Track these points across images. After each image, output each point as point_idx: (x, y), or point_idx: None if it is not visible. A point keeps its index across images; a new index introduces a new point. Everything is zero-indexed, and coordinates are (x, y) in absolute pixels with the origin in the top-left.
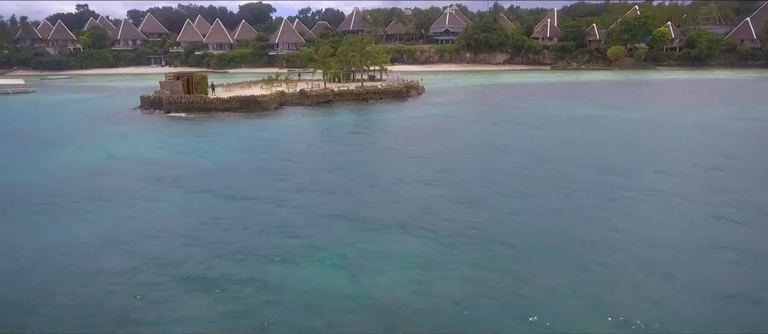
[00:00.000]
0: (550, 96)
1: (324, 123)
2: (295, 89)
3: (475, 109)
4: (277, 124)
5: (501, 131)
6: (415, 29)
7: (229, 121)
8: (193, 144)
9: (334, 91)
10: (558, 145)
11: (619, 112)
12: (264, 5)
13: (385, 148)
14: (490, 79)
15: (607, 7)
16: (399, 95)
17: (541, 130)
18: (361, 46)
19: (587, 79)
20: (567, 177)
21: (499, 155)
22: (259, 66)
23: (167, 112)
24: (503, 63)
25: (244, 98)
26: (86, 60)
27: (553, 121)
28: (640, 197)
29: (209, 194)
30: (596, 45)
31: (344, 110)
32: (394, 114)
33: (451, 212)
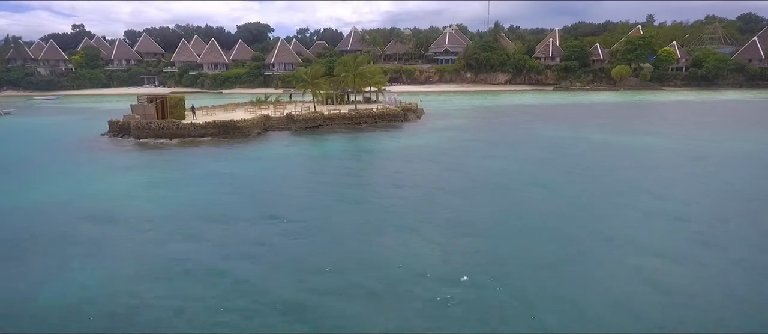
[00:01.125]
0: (559, 119)
1: (309, 154)
2: (282, 112)
3: (480, 137)
4: (255, 155)
5: (516, 166)
6: (414, 49)
7: (202, 149)
8: (146, 181)
9: (323, 115)
10: (589, 185)
11: (642, 138)
12: (262, 25)
13: (380, 190)
14: (492, 100)
15: (608, 26)
16: (396, 119)
17: (561, 164)
18: (354, 66)
19: (593, 100)
20: (620, 235)
21: (523, 202)
22: (255, 86)
23: (137, 139)
24: (505, 83)
25: (223, 123)
26: (78, 80)
27: (571, 152)
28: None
29: (135, 262)
30: (600, 65)
31: (334, 137)
32: (390, 142)
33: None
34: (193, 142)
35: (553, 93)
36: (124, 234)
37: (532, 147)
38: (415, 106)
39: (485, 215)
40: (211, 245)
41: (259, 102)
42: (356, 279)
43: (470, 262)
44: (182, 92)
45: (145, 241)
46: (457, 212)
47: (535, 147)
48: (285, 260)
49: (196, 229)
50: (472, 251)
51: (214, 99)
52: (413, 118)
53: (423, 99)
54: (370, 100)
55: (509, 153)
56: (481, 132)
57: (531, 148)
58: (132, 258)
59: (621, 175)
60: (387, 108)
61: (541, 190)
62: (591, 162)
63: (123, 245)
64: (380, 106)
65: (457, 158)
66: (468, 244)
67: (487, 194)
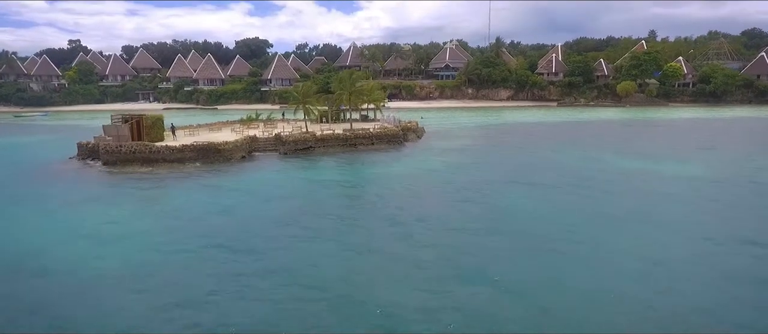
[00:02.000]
0: (570, 140)
1: (296, 183)
2: (271, 133)
3: (489, 161)
4: (233, 185)
5: (540, 202)
6: (414, 64)
7: (174, 178)
8: (92, 224)
9: (315, 136)
10: (624, 225)
11: (669, 165)
12: (260, 41)
13: (376, 233)
14: (495, 118)
15: (611, 42)
16: (394, 140)
17: (584, 196)
18: (349, 83)
19: (601, 118)
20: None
21: (564, 255)
22: (251, 102)
23: (105, 164)
24: (507, 99)
25: (202, 146)
26: (70, 96)
27: (590, 181)
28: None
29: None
30: (604, 81)
31: (326, 161)
32: (388, 167)
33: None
34: (167, 168)
35: (558, 109)
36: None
37: (550, 175)
38: (416, 125)
39: (518, 270)
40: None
41: (250, 120)
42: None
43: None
44: (177, 108)
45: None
46: (479, 261)
47: (553, 175)
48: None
49: (131, 302)
50: (507, 319)
51: (209, 115)
52: (414, 139)
53: (424, 116)
54: (367, 119)
55: (526, 183)
56: (488, 155)
57: (549, 177)
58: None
59: (670, 214)
60: (385, 127)
61: (579, 238)
62: (624, 195)
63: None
64: (378, 125)
65: (467, 189)
66: (497, 310)
67: (514, 239)
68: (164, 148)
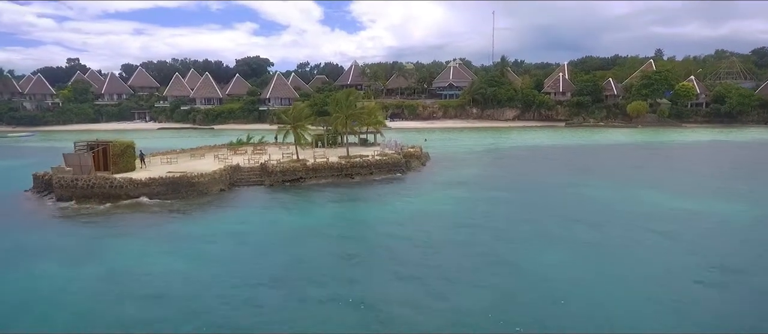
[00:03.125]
0: (590, 167)
1: (277, 229)
2: (258, 160)
3: (505, 198)
4: (200, 231)
5: (572, 262)
6: (417, 83)
7: (132, 220)
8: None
9: (306, 166)
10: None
11: (717, 204)
12: (261, 59)
13: (374, 310)
14: (503, 140)
15: (618, 60)
16: (396, 168)
17: (632, 253)
18: (346, 105)
19: (616, 140)
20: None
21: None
22: (249, 122)
23: (59, 200)
24: (513, 119)
25: (172, 180)
26: (64, 115)
27: (634, 227)
28: None
29: None
30: (614, 100)
31: (318, 196)
32: (389, 205)
33: None
34: (128, 206)
35: (567, 130)
36: None
37: (581, 218)
38: (419, 150)
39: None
40: None
41: (239, 144)
42: None
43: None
44: (172, 128)
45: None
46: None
47: (586, 219)
48: None
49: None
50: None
51: (204, 135)
52: (417, 166)
53: (428, 139)
54: (367, 143)
55: (554, 233)
56: (503, 189)
57: (581, 223)
58: None
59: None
60: (386, 154)
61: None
62: (681, 244)
63: None
64: (378, 150)
65: (483, 241)
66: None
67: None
68: (128, 182)
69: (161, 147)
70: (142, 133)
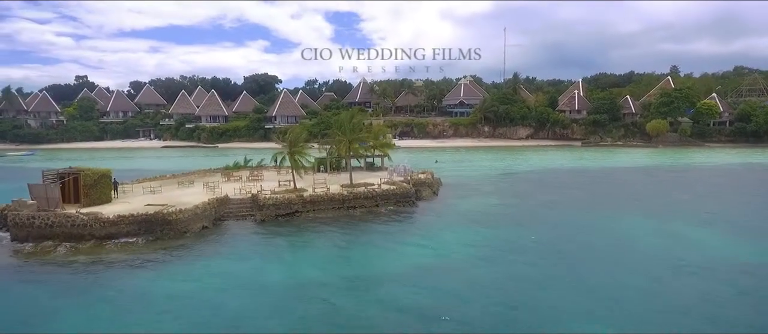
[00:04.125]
0: (621, 196)
1: (264, 284)
2: (251, 189)
3: (531, 242)
4: (168, 290)
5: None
6: (426, 101)
7: (88, 272)
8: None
9: (302, 198)
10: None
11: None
12: (269, 76)
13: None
14: (519, 161)
15: (633, 77)
16: (405, 200)
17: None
18: (349, 127)
19: (638, 162)
20: None
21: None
22: (254, 140)
23: (14, 240)
24: (526, 138)
25: (145, 217)
26: (68, 133)
27: (708, 292)
28: None
29: None
30: (632, 118)
31: (314, 235)
32: (396, 252)
33: None
34: (91, 249)
35: (583, 150)
36: None
37: (630, 271)
38: (430, 176)
39: None
40: None
41: (237, 167)
42: None
43: None
44: (177, 146)
45: None
46: None
47: (634, 271)
48: None
49: None
50: None
51: (208, 154)
52: (428, 195)
53: (439, 160)
54: (373, 167)
55: (606, 293)
56: (528, 226)
57: (631, 282)
58: None
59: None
60: (394, 183)
61: None
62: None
63: None
64: (385, 177)
65: (510, 313)
66: None
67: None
68: (93, 220)
69: (158, 169)
70: (146, 151)
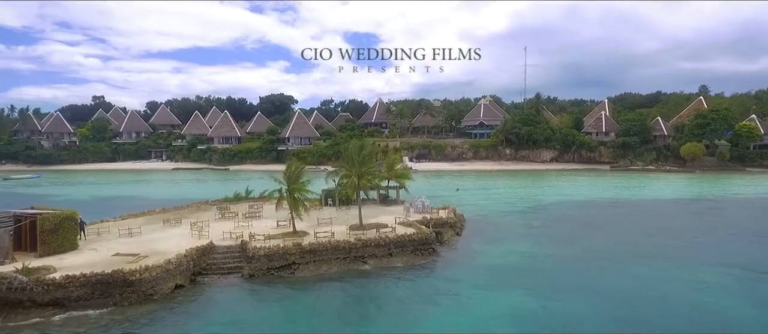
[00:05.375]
0: (674, 232)
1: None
2: (247, 228)
3: (583, 313)
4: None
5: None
6: (444, 122)
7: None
8: None
9: (301, 247)
10: None
11: None
12: (285, 97)
13: None
14: (545, 189)
15: (660, 97)
16: (423, 247)
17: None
18: (358, 160)
19: (681, 191)
20: None
21: None
22: (266, 162)
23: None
24: (550, 161)
25: (100, 278)
26: (80, 154)
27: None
28: None
29: None
30: (664, 141)
31: (311, 301)
32: (416, 325)
33: None
34: (33, 327)
35: (614, 175)
36: None
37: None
38: (453, 212)
39: None
40: None
41: (237, 199)
42: None
43: None
44: (187, 168)
45: None
46: None
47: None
48: None
49: None
50: None
51: (218, 178)
52: (451, 238)
53: (459, 188)
54: (387, 199)
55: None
56: (575, 289)
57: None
58: None
59: None
60: (410, 224)
61: None
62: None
63: None
64: (401, 215)
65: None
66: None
67: None
68: (34, 282)
69: (159, 196)
70: (155, 174)
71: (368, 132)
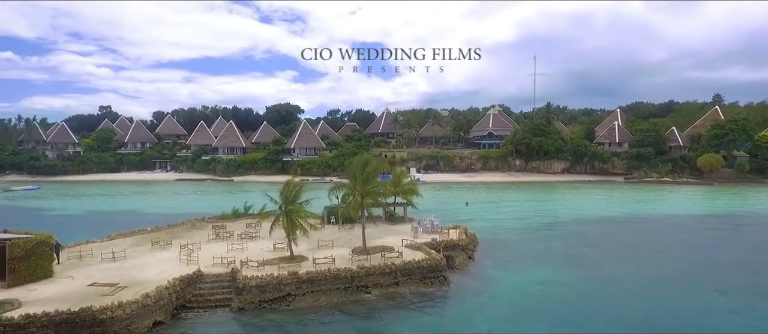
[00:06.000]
0: (726, 261)
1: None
2: (239, 254)
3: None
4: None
5: None
6: (452, 132)
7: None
8: None
9: (297, 277)
10: None
11: None
12: (291, 106)
13: None
14: (559, 203)
15: (673, 107)
16: (433, 274)
17: None
18: (362, 178)
19: (705, 207)
20: None
21: None
22: (271, 173)
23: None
24: (562, 172)
25: (65, 317)
26: (83, 164)
27: None
28: None
29: None
30: (679, 152)
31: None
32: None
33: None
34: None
35: (629, 188)
36: None
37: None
38: (464, 232)
39: None
40: None
41: (235, 215)
42: None
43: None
44: (192, 179)
45: None
46: None
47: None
48: None
49: None
50: None
51: (222, 189)
52: (463, 263)
53: (469, 202)
54: (394, 217)
55: None
56: (618, 323)
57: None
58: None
59: None
60: (418, 247)
61: None
62: None
63: None
64: (408, 237)
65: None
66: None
67: None
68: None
69: (158, 211)
70: (158, 185)
71: (375, 142)
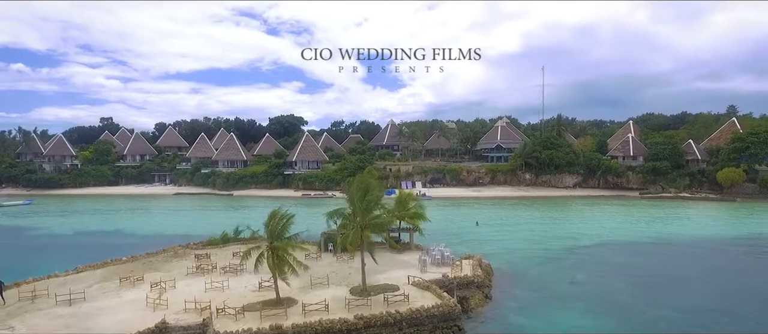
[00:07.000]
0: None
1: None
2: (219, 294)
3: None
4: None
5: None
6: (459, 144)
7: None
8: None
9: (280, 331)
10: None
11: None
12: (295, 118)
13: None
14: (576, 223)
15: (687, 118)
16: (445, 326)
17: None
18: (361, 207)
19: (734, 228)
20: None
21: None
22: (272, 187)
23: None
24: (573, 186)
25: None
26: (80, 177)
27: None
28: None
29: None
30: (697, 166)
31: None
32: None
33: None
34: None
35: (647, 204)
36: None
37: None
38: (479, 265)
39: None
40: None
41: (224, 240)
42: None
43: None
44: (190, 193)
45: None
46: None
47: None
48: None
49: None
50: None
51: (221, 204)
52: (479, 304)
53: (479, 222)
54: (398, 244)
55: None
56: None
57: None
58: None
59: None
60: (427, 286)
61: None
62: None
63: None
64: (415, 273)
65: None
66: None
67: None
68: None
69: (149, 230)
70: (156, 199)
71: (380, 155)
